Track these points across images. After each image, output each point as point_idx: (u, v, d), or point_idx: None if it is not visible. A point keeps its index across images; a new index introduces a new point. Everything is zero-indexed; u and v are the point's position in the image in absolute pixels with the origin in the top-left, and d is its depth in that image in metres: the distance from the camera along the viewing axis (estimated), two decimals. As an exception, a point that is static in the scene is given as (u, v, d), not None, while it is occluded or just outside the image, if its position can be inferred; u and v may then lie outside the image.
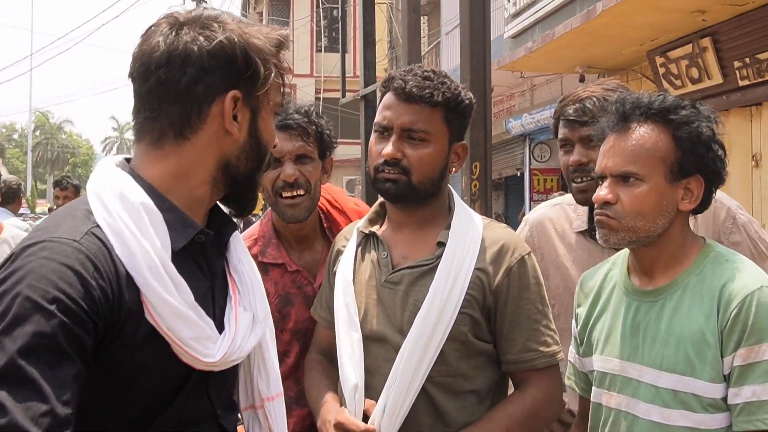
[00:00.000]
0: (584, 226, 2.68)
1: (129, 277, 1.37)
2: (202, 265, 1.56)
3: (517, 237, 2.27)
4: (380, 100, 2.23)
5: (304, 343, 2.54)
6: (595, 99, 2.55)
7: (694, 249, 1.99)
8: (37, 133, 68.57)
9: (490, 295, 2.13)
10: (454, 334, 2.09)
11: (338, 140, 2.83)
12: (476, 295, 2.12)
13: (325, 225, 2.72)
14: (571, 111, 2.57)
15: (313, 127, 2.58)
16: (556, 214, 2.80)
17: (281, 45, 1.57)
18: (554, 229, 2.77)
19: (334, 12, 16.21)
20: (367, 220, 2.34)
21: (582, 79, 11.19)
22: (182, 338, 1.41)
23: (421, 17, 21.01)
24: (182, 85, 1.46)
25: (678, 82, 10.10)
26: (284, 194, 2.51)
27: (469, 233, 2.17)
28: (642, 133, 1.96)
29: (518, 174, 16.38)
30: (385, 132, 2.18)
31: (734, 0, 8.32)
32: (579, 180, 2.56)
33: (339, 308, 2.23)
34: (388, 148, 2.14)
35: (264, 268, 2.54)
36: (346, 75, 8.27)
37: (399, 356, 2.07)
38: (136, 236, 1.39)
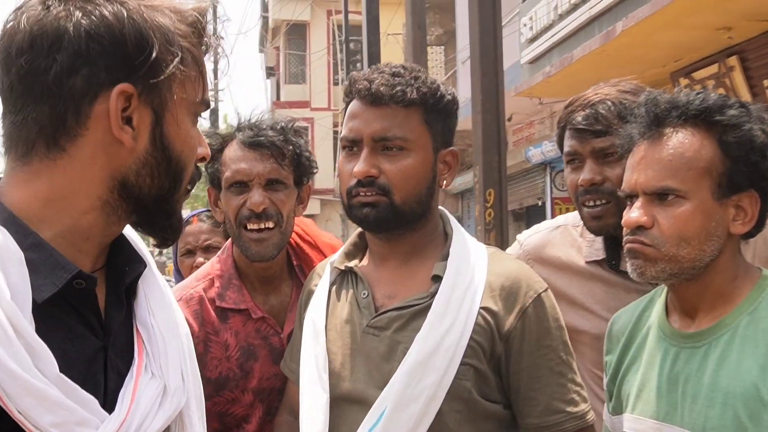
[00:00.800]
0: (600, 255, 2.24)
1: None
2: (90, 318, 1.18)
3: (530, 270, 1.88)
4: (344, 113, 1.86)
5: (269, 406, 2.14)
6: (609, 103, 2.13)
7: (747, 282, 1.62)
8: None
9: (501, 341, 1.74)
10: (455, 390, 1.69)
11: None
12: (482, 341, 1.72)
13: (294, 263, 2.32)
14: (580, 118, 2.14)
15: (290, 147, 2.18)
16: (560, 238, 2.35)
17: (198, 22, 1.21)
18: (560, 261, 2.31)
19: (351, 45, 16.11)
20: (342, 253, 1.95)
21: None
22: (40, 425, 1.03)
23: (438, 47, 21.03)
24: (51, 77, 1.10)
25: (704, 104, 9.74)
26: (249, 226, 2.12)
27: (472, 264, 1.79)
28: (680, 139, 1.60)
29: (539, 203, 16.11)
30: (354, 147, 1.81)
31: (762, 15, 7.98)
32: (591, 203, 2.14)
33: (306, 361, 1.84)
34: (360, 165, 1.76)
35: (222, 314, 2.17)
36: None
37: (381, 421, 1.67)
38: None
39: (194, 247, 3.09)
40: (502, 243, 4.87)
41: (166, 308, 1.32)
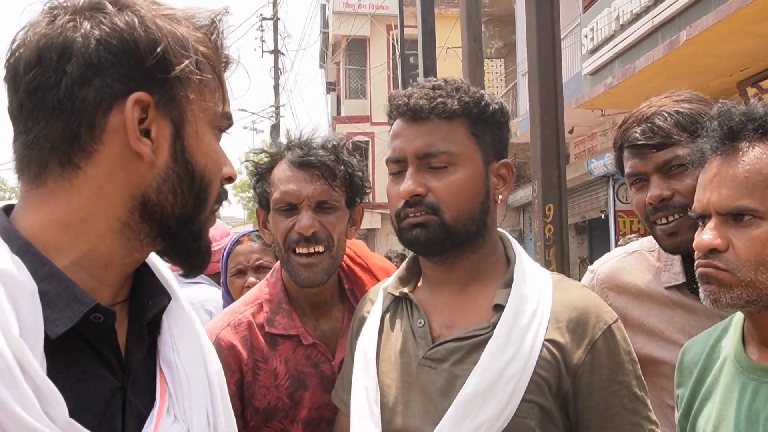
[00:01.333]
0: (679, 279, 2.09)
1: None
2: (108, 356, 1.10)
3: (599, 299, 1.74)
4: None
5: None
6: (665, 114, 2.01)
7: None
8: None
9: (568, 377, 1.60)
10: (516, 429, 1.56)
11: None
12: (548, 376, 1.59)
13: (346, 286, 2.21)
14: (637, 134, 2.02)
15: (342, 167, 2.08)
16: (636, 266, 2.21)
17: (213, 27, 1.14)
18: (637, 288, 2.16)
19: (411, 59, 16.07)
20: (396, 278, 1.84)
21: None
22: None
23: (498, 60, 20.86)
24: (62, 91, 1.04)
25: (774, 114, 9.43)
26: (298, 250, 2.02)
27: (536, 293, 1.66)
28: (758, 154, 1.47)
29: (602, 216, 15.82)
30: (399, 168, 1.72)
31: (835, 20, 7.69)
32: (664, 221, 2.01)
33: (356, 392, 1.73)
34: (405, 185, 1.66)
35: (272, 340, 2.07)
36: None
37: None
38: None
39: (245, 267, 3.03)
40: (563, 259, 4.72)
41: (192, 345, 1.24)
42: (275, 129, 31.38)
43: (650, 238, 2.19)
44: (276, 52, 32.97)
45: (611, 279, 2.22)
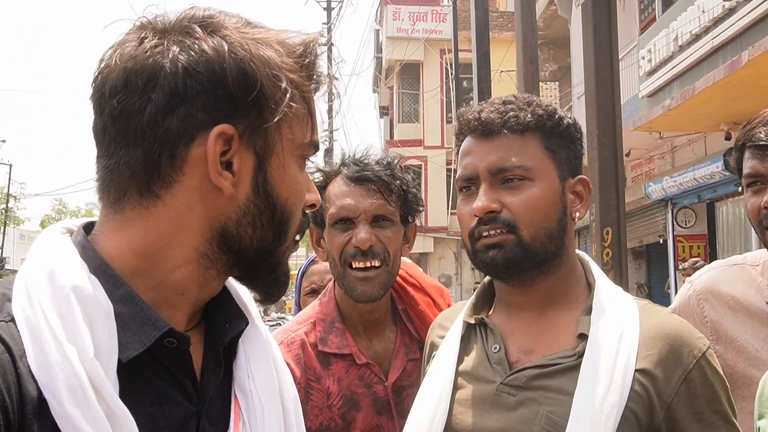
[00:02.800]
0: None
1: (42, 401, 0.92)
2: (183, 381, 1.08)
3: (689, 326, 1.62)
4: (456, 153, 1.71)
5: None
6: None
7: None
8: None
9: (661, 410, 1.49)
10: None
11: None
12: (638, 410, 1.48)
13: (399, 307, 2.17)
14: (762, 134, 1.92)
15: (397, 182, 2.06)
16: (737, 278, 2.08)
17: (306, 54, 1.11)
18: (735, 300, 2.04)
19: (464, 83, 16.04)
20: (471, 305, 1.77)
21: (728, 137, 10.37)
22: None
23: (552, 83, 20.74)
24: (146, 119, 1.02)
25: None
26: (355, 264, 2.00)
27: (623, 320, 1.56)
28: None
29: (660, 241, 15.56)
30: (471, 186, 1.65)
31: None
32: None
33: (416, 414, 1.67)
34: (479, 201, 1.60)
35: (325, 359, 2.05)
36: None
37: None
38: (57, 338, 0.93)
39: (319, 286, 3.05)
40: (621, 283, 4.60)
41: (268, 371, 1.20)
42: (328, 153, 31.59)
43: (755, 252, 2.09)
44: (330, 77, 33.20)
45: (709, 289, 2.10)
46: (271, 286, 1.16)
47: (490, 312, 1.75)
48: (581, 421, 1.46)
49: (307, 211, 1.20)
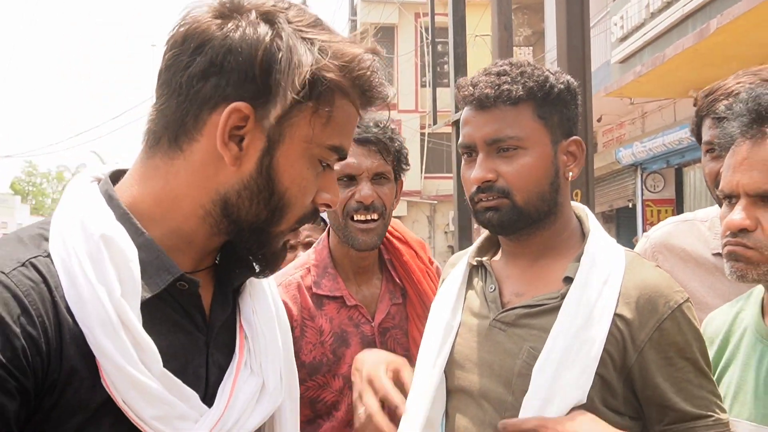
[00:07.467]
0: None
1: (79, 330, 1.07)
2: (193, 314, 1.23)
3: (670, 280, 1.74)
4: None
5: None
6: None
7: None
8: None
9: (634, 353, 1.63)
10: None
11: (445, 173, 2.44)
12: (612, 351, 1.63)
13: (385, 257, 2.39)
14: (723, 108, 2.08)
15: (396, 144, 2.29)
16: (688, 232, 2.32)
17: (354, 62, 1.19)
18: (685, 252, 2.28)
19: (439, 46, 16.02)
20: (476, 248, 1.94)
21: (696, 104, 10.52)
22: (142, 417, 1.09)
23: (526, 48, 20.73)
24: (185, 77, 1.15)
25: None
26: (357, 217, 2.22)
27: (608, 268, 1.70)
28: None
29: (630, 205, 15.74)
30: (471, 153, 1.79)
31: None
32: None
33: (426, 348, 1.86)
34: (476, 171, 1.74)
35: (318, 301, 2.26)
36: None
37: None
38: (89, 279, 1.08)
39: (296, 243, 3.18)
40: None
41: (267, 306, 1.36)
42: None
43: (705, 210, 2.30)
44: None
45: (662, 242, 2.33)
46: (258, 261, 1.29)
47: (494, 257, 1.91)
48: (555, 350, 1.62)
49: (322, 210, 1.30)
